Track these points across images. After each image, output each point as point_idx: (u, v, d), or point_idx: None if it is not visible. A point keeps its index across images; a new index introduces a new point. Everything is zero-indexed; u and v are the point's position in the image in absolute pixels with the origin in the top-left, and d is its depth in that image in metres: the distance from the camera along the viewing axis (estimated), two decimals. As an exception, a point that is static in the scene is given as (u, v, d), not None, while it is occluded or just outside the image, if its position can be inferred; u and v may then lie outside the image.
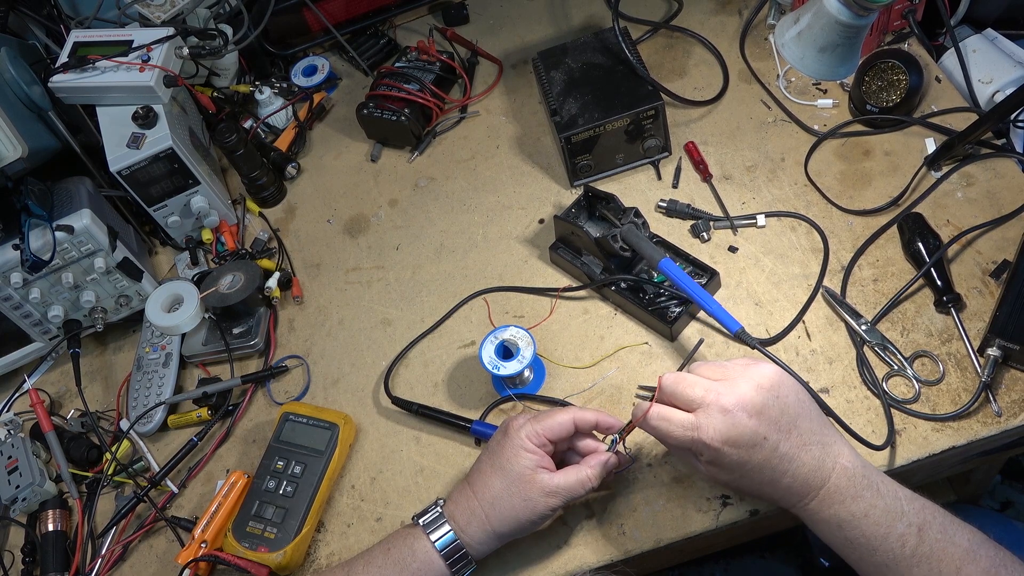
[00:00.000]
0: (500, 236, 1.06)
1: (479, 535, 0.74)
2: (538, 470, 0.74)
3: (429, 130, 1.18)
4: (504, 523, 0.74)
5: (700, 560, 1.54)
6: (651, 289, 0.94)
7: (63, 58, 1.03)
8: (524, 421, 0.76)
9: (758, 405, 0.68)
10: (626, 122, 1.02)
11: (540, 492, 0.73)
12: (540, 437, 0.75)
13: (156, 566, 0.91)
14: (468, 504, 0.75)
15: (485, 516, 0.74)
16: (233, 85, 1.23)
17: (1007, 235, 0.91)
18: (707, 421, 0.68)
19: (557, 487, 0.74)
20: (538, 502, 0.73)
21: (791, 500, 0.70)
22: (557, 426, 0.75)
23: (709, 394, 0.69)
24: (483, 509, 0.74)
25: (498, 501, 0.74)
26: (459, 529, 0.74)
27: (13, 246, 0.94)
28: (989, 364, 0.80)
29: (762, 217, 0.98)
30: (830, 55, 0.86)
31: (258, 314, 1.04)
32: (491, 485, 0.74)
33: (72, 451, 0.98)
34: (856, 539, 0.67)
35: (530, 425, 0.75)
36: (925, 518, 0.67)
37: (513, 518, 0.74)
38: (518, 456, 0.74)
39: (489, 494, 0.74)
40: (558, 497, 0.74)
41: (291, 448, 0.90)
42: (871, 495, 0.68)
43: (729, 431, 0.68)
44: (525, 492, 0.73)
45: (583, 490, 0.75)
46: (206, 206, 1.08)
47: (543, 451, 0.75)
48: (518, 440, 0.74)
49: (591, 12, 1.26)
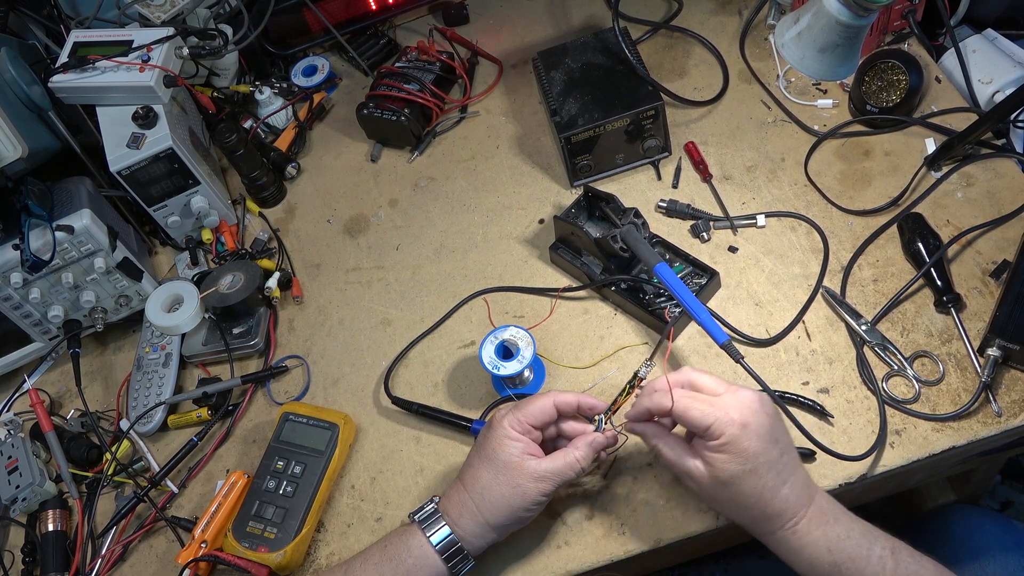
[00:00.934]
0: (500, 236, 1.06)
1: (472, 527, 0.74)
2: (524, 456, 0.74)
3: (429, 130, 1.18)
4: (496, 512, 0.74)
5: (700, 560, 1.54)
6: (651, 289, 0.94)
7: (63, 58, 1.03)
8: (506, 411, 0.77)
9: (772, 405, 0.71)
10: (626, 122, 1.02)
11: (529, 478, 0.73)
12: (523, 424, 0.75)
13: (156, 566, 0.91)
14: (459, 497, 0.75)
15: (476, 507, 0.74)
16: (233, 85, 1.23)
17: (1007, 235, 0.91)
18: (732, 400, 0.69)
19: (546, 471, 0.74)
20: (528, 488, 0.73)
21: (785, 518, 0.69)
22: (538, 411, 0.76)
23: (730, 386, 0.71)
24: (473, 501, 0.74)
25: (487, 491, 0.74)
26: (452, 523, 0.75)
27: (13, 246, 0.94)
28: (989, 364, 0.80)
29: (762, 217, 0.98)
30: (830, 55, 0.86)
31: (258, 314, 1.04)
32: (480, 476, 0.75)
33: (72, 451, 0.98)
34: (844, 562, 0.68)
35: (512, 414, 0.76)
36: (894, 542, 0.69)
37: (505, 506, 0.74)
38: (503, 445, 0.74)
39: (478, 485, 0.75)
40: (548, 482, 0.74)
41: (291, 448, 0.90)
42: (847, 518, 0.70)
43: (753, 416, 0.69)
44: (514, 479, 0.73)
45: (573, 472, 0.75)
46: (206, 206, 1.08)
47: (528, 438, 0.76)
48: (501, 430, 0.75)
49: (591, 12, 1.26)
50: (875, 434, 0.81)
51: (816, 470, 0.81)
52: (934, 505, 1.28)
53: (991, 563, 0.95)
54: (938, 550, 0.98)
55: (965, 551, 0.97)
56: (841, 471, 0.80)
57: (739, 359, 0.81)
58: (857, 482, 0.80)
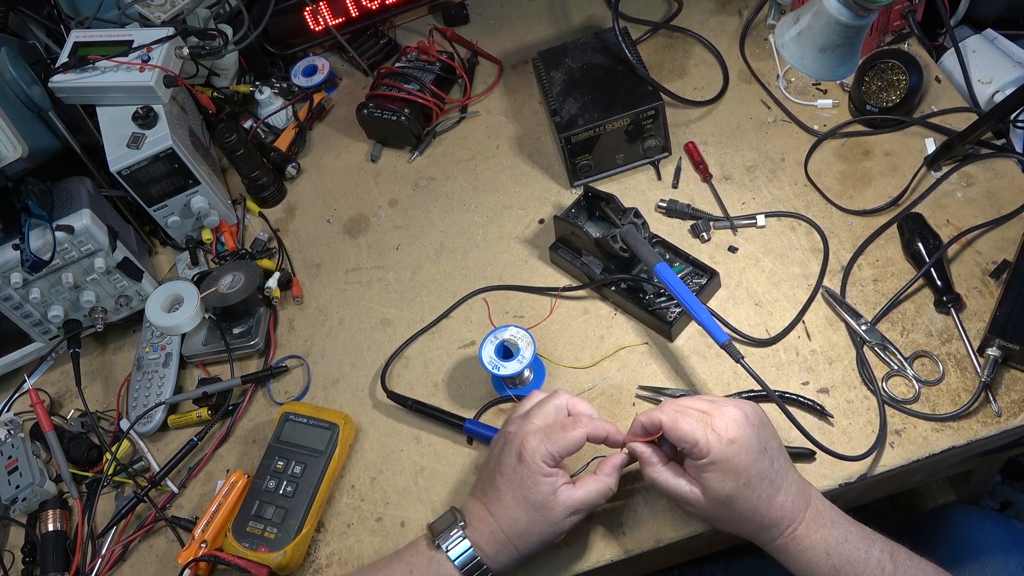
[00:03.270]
0: (500, 236, 1.06)
1: (507, 561, 0.74)
2: (559, 491, 0.73)
3: (429, 130, 1.18)
4: (531, 546, 0.74)
5: (700, 560, 1.54)
6: (651, 289, 0.94)
7: (63, 58, 1.02)
8: (537, 443, 0.73)
9: (757, 415, 0.72)
10: (626, 122, 1.02)
11: (564, 512, 0.73)
12: (555, 459, 0.74)
13: (156, 566, 0.91)
14: (489, 529, 0.74)
15: (515, 547, 0.74)
16: (233, 85, 1.23)
17: (1007, 235, 0.91)
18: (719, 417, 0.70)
19: (580, 503, 0.74)
20: (563, 522, 0.74)
21: (783, 525, 0.69)
22: (571, 445, 0.74)
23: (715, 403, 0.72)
24: (512, 542, 0.74)
25: (527, 533, 0.73)
26: (487, 557, 0.74)
27: (13, 246, 0.94)
28: (989, 364, 0.80)
29: (762, 217, 0.98)
30: (830, 55, 0.86)
31: (258, 314, 1.04)
32: (517, 519, 0.73)
33: (72, 451, 0.98)
34: (843, 566, 0.68)
35: (544, 447, 0.73)
36: (892, 545, 0.70)
37: (540, 542, 0.74)
38: (538, 484, 0.73)
39: (517, 528, 0.73)
40: (581, 512, 0.75)
41: (291, 448, 0.90)
42: (844, 521, 0.71)
43: (739, 430, 0.69)
44: (551, 518, 0.73)
45: (604, 500, 0.75)
46: (206, 206, 1.08)
47: (559, 469, 0.75)
48: (535, 467, 0.73)
49: (591, 12, 1.26)
50: (875, 434, 0.81)
51: (816, 470, 0.81)
52: (934, 505, 1.28)
53: (991, 563, 0.95)
54: (938, 550, 0.98)
55: (965, 551, 0.97)
56: (841, 471, 0.80)
57: (739, 359, 0.81)
58: (857, 482, 0.80)
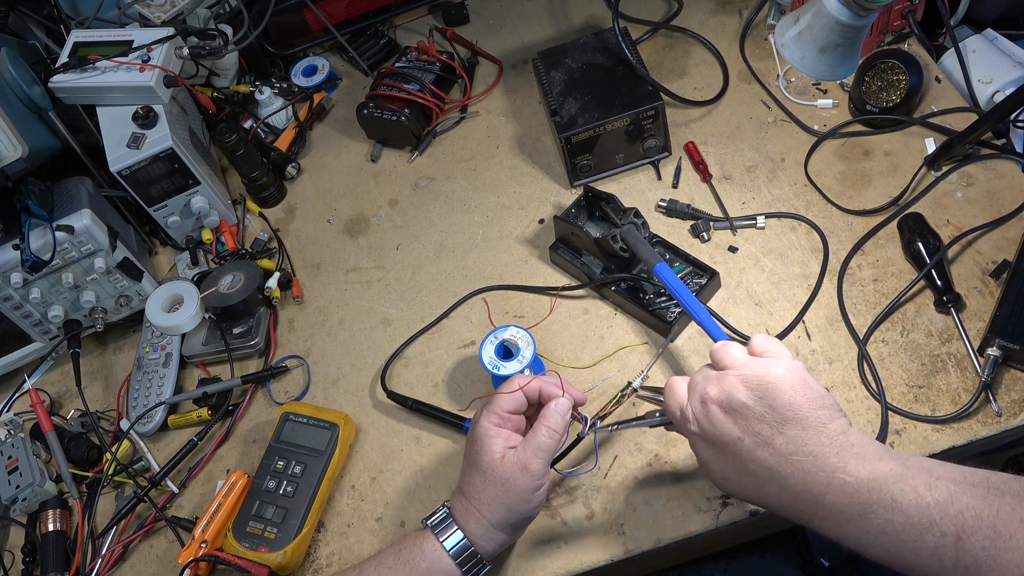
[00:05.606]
0: (500, 236, 1.06)
1: (479, 530, 0.75)
2: (505, 451, 0.74)
3: (429, 130, 1.18)
4: (495, 512, 0.74)
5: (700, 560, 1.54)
6: (651, 289, 0.94)
7: (63, 58, 1.03)
8: (482, 407, 0.77)
9: (736, 403, 0.65)
10: (626, 122, 1.02)
11: (513, 470, 0.73)
12: (499, 415, 0.76)
13: (156, 566, 0.91)
14: (461, 504, 0.76)
15: (478, 511, 0.75)
16: (233, 85, 1.23)
17: (1007, 235, 0.91)
18: (689, 407, 0.69)
19: (525, 456, 0.73)
20: (516, 480, 0.73)
21: (791, 514, 0.65)
22: (506, 398, 0.76)
23: (697, 378, 0.69)
24: (473, 505, 0.75)
25: (482, 494, 0.74)
26: (462, 527, 0.75)
27: (13, 246, 0.94)
28: (989, 364, 0.80)
29: (762, 217, 0.98)
30: (830, 55, 0.86)
31: (258, 314, 1.04)
32: (473, 482, 0.75)
33: (72, 451, 0.98)
34: (883, 557, 0.60)
35: (487, 409, 0.77)
36: (964, 524, 0.57)
37: (501, 504, 0.74)
38: (484, 445, 0.75)
39: (474, 492, 0.75)
40: (535, 464, 0.73)
41: (291, 448, 0.90)
42: (885, 510, 0.60)
43: (703, 423, 0.67)
44: (500, 476, 0.73)
45: (552, 441, 0.74)
46: (206, 206, 1.08)
47: (508, 428, 0.76)
48: (480, 429, 0.76)
49: (591, 12, 1.26)
50: (875, 434, 0.81)
51: (816, 470, 0.81)
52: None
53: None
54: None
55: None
56: (841, 471, 0.80)
57: None
58: (857, 482, 0.80)
